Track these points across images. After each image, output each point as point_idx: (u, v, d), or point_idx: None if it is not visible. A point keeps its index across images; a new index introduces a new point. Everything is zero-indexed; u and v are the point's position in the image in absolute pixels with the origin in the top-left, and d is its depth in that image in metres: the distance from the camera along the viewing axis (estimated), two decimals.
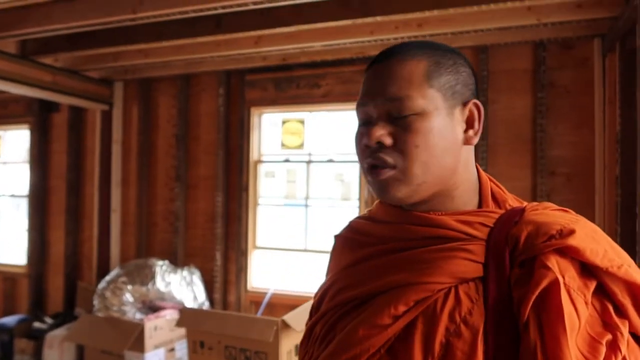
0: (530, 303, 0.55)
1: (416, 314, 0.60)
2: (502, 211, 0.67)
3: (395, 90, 0.66)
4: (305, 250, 3.74)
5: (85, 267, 4.42)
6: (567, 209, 0.68)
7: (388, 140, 0.66)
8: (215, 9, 2.64)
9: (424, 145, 0.64)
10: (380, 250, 0.69)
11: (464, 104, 0.68)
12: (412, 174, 0.65)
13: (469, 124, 0.69)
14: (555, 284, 0.55)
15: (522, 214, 0.64)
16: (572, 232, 0.58)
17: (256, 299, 3.78)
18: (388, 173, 0.66)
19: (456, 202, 0.70)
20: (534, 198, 3.08)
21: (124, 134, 4.30)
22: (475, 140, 0.69)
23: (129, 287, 3.48)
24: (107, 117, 4.29)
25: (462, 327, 0.57)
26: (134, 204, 4.23)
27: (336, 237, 0.83)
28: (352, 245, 0.76)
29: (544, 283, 0.55)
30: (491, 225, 0.64)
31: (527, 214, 0.64)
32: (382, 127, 0.66)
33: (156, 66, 3.95)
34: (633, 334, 0.56)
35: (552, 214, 0.64)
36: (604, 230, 2.42)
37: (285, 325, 2.18)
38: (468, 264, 0.61)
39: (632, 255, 2.37)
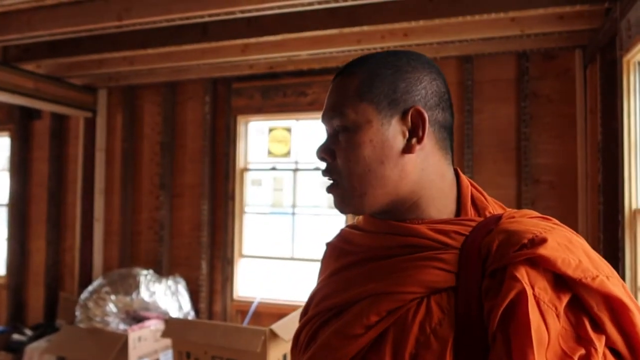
0: (498, 315, 0.54)
1: (388, 324, 0.60)
2: (480, 219, 0.66)
3: (332, 107, 0.70)
4: (292, 259, 3.73)
5: (67, 277, 4.33)
6: (548, 217, 0.66)
7: (328, 157, 0.70)
8: (202, 17, 2.64)
9: (356, 159, 0.66)
10: (360, 259, 0.70)
11: (405, 112, 0.67)
12: (350, 188, 0.67)
13: (414, 131, 0.67)
14: (522, 295, 0.53)
15: (498, 222, 0.63)
16: (543, 241, 0.56)
17: (242, 308, 3.75)
18: (334, 188, 0.70)
19: (428, 210, 0.69)
20: (518, 206, 3.12)
21: (107, 142, 4.25)
22: (417, 148, 0.66)
23: (113, 297, 3.42)
24: (90, 125, 4.23)
25: (432, 338, 0.57)
26: (117, 213, 4.17)
27: (327, 244, 0.83)
28: (338, 253, 0.77)
29: (512, 295, 0.53)
30: (467, 233, 0.63)
31: (503, 222, 0.63)
32: (328, 143, 0.71)
33: (141, 73, 3.92)
34: (613, 349, 0.54)
35: (527, 222, 0.63)
36: (586, 237, 2.45)
37: (274, 335, 2.16)
38: (440, 274, 0.60)
39: (615, 262, 2.41)
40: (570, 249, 0.57)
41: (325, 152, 0.70)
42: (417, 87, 0.67)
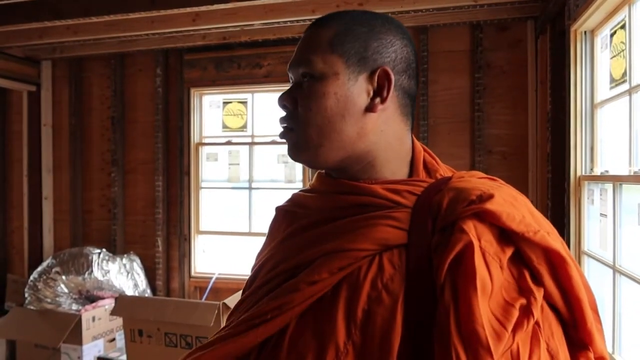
0: (446, 266, 0.55)
1: (339, 279, 0.60)
2: (432, 180, 0.67)
3: (301, 55, 0.69)
4: (249, 234, 3.69)
5: (16, 258, 4.16)
6: (495, 178, 0.68)
7: (289, 104, 0.69)
8: None
9: (317, 109, 0.66)
10: (314, 221, 0.69)
11: (373, 72, 0.67)
12: (306, 137, 0.67)
13: (379, 92, 0.67)
14: (469, 247, 0.55)
15: (448, 181, 0.65)
16: (490, 197, 0.58)
17: (201, 285, 3.71)
18: (290, 136, 0.70)
19: (382, 171, 0.69)
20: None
21: (54, 117, 4.05)
22: (380, 108, 0.67)
23: (63, 277, 3.31)
24: (34, 99, 4.02)
25: (384, 293, 0.57)
26: (67, 191, 4.01)
27: (277, 208, 0.82)
28: (290, 218, 0.76)
29: (459, 246, 0.55)
30: (419, 193, 0.64)
31: (453, 181, 0.65)
32: (291, 91, 0.70)
33: (87, 44, 3.73)
34: (550, 304, 0.56)
35: (475, 181, 0.65)
36: (536, 205, 2.50)
37: (227, 309, 2.14)
38: (392, 231, 0.60)
39: (562, 228, 2.49)
40: (515, 205, 0.59)
41: (287, 99, 0.69)
42: (388, 50, 0.68)
